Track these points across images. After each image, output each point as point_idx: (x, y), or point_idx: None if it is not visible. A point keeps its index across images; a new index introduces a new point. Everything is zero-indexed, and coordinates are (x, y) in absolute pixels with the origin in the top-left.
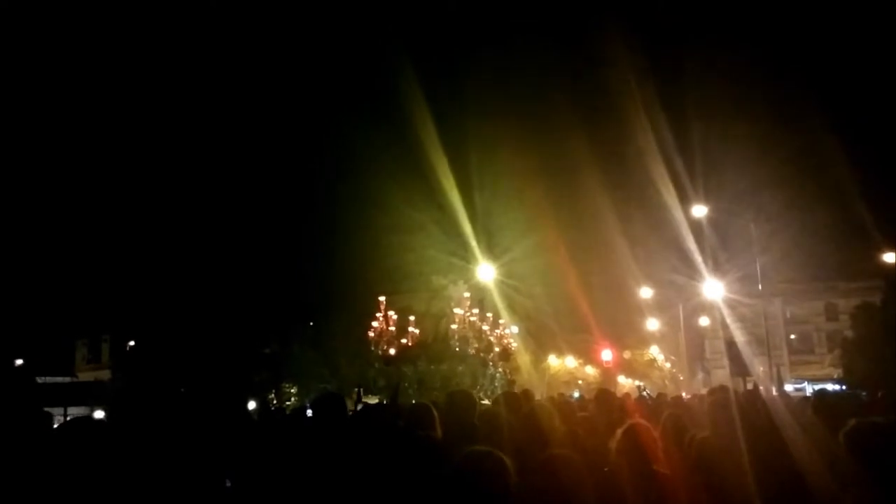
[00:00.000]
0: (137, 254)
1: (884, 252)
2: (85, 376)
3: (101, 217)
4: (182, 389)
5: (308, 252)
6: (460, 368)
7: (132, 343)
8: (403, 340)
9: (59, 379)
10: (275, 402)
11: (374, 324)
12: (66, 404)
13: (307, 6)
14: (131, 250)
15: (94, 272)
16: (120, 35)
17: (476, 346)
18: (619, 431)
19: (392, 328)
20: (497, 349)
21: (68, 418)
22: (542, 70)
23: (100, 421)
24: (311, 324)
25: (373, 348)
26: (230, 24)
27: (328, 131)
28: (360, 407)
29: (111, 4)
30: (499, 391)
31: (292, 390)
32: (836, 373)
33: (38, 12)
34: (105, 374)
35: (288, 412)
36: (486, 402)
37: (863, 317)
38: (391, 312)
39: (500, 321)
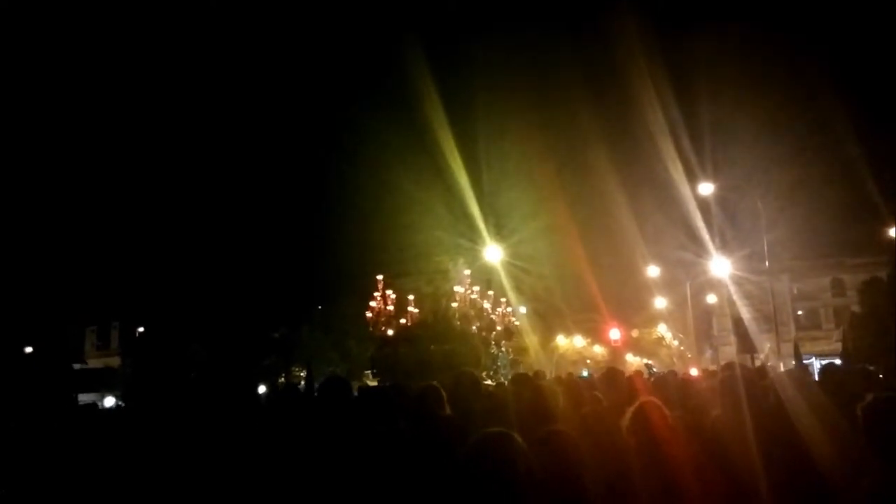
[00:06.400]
0: (146, 240)
1: (890, 227)
2: (94, 363)
3: (110, 203)
4: (192, 375)
5: (316, 236)
6: (462, 349)
7: (141, 329)
8: (402, 320)
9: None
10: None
11: (372, 303)
12: (76, 391)
13: None
14: (140, 237)
15: (103, 259)
16: (136, 29)
17: (478, 324)
18: (630, 410)
19: (391, 307)
20: (499, 328)
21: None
22: (549, 48)
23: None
24: (320, 307)
25: (371, 328)
26: (236, 8)
27: (335, 114)
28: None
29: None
30: (502, 371)
31: (302, 374)
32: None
33: (40, 12)
34: (115, 361)
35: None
36: (488, 382)
37: (870, 292)
38: (389, 291)
39: (502, 300)
